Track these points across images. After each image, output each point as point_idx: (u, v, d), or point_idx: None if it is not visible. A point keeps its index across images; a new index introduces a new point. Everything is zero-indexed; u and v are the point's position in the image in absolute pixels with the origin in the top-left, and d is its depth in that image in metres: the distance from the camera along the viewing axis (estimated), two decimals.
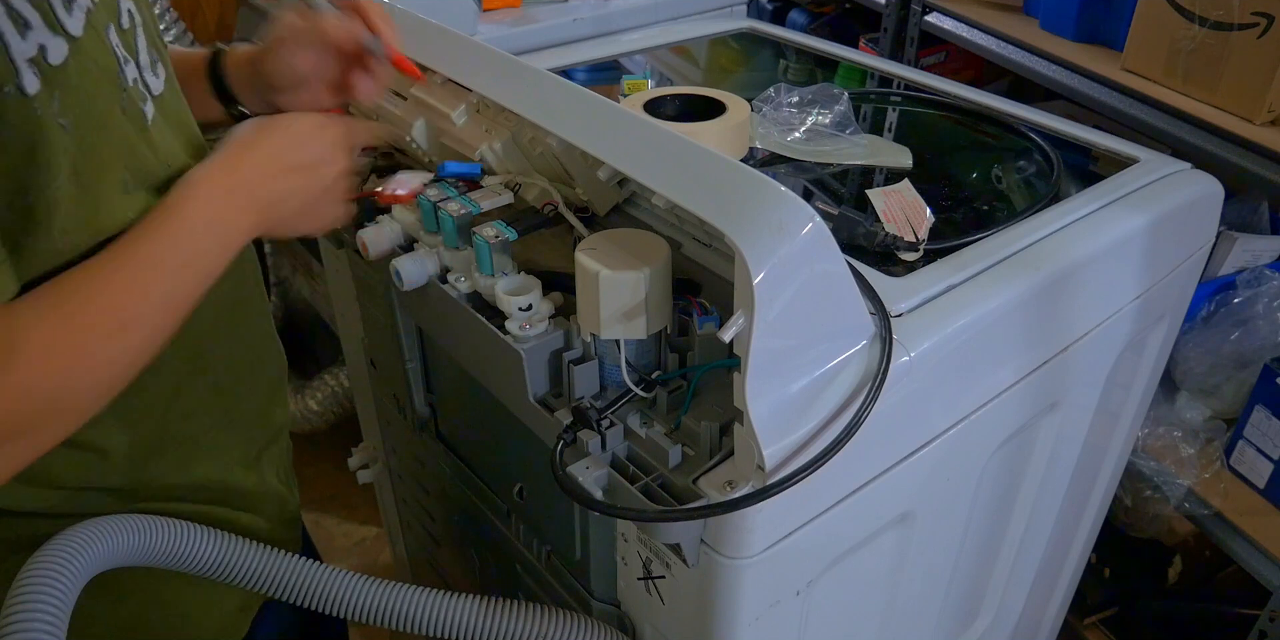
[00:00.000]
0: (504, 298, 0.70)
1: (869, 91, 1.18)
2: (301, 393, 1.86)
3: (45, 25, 0.55)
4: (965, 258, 0.77)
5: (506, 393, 0.76)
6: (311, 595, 0.77)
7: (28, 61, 0.54)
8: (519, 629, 0.76)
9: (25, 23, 0.54)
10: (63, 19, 0.56)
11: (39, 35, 0.54)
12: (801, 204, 0.59)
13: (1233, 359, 1.23)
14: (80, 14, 0.58)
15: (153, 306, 0.63)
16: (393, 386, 1.04)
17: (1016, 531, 0.98)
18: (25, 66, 0.54)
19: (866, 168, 0.96)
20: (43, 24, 0.54)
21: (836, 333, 0.63)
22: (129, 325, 0.61)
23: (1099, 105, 1.25)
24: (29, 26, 0.54)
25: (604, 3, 1.37)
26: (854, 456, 0.63)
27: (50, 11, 0.55)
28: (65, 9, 0.56)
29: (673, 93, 0.93)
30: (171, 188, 0.66)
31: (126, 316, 0.61)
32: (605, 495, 0.65)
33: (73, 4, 0.57)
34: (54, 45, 0.55)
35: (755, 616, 0.68)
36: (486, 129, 0.82)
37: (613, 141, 0.69)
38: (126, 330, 0.61)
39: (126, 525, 0.70)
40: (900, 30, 1.58)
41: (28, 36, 0.54)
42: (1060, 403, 0.88)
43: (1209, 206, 0.93)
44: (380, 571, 1.78)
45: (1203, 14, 1.10)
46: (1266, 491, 1.20)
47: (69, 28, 0.57)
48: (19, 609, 0.60)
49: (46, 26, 0.55)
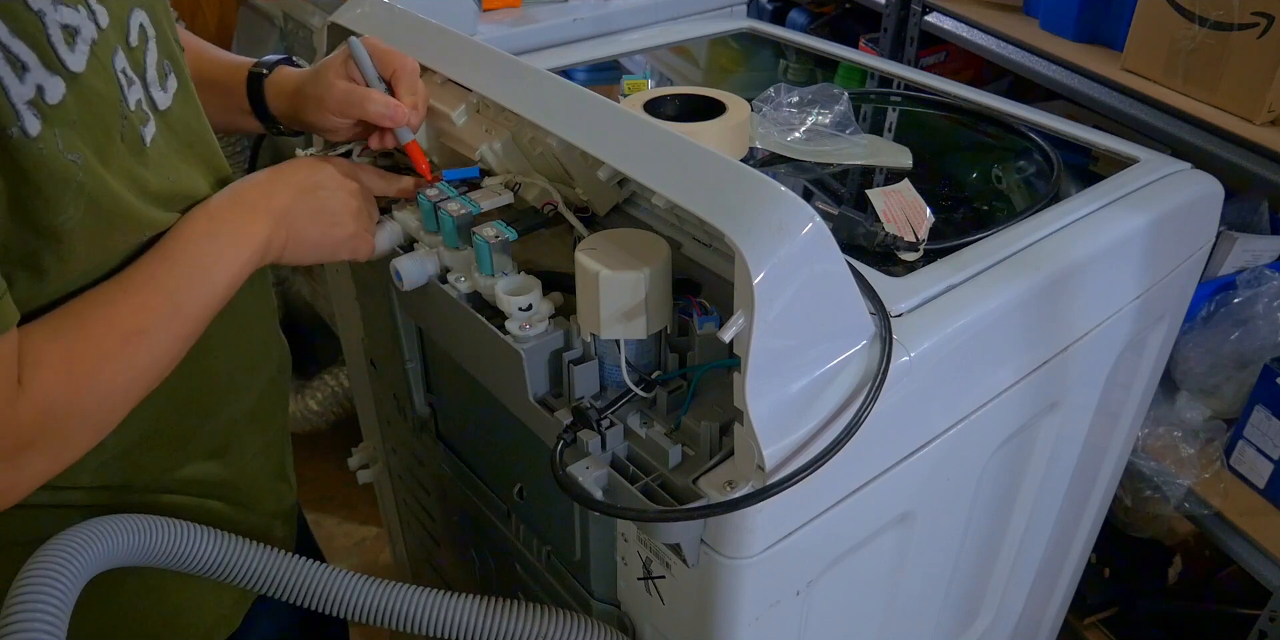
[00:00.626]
0: (504, 298, 0.70)
1: (869, 91, 1.18)
2: (301, 393, 1.86)
3: (42, 65, 0.55)
4: (965, 258, 0.77)
5: (506, 393, 0.76)
6: (311, 595, 0.77)
7: (27, 103, 0.55)
8: (519, 629, 0.76)
9: (23, 65, 0.54)
10: (63, 56, 0.57)
11: (36, 76, 0.55)
12: (801, 204, 0.59)
13: (1233, 359, 1.23)
14: (84, 47, 0.58)
15: (161, 318, 0.64)
16: (393, 386, 1.04)
17: (1016, 531, 0.98)
18: (25, 108, 0.55)
19: (866, 168, 0.96)
20: (40, 64, 0.55)
21: (836, 333, 0.63)
22: (139, 338, 0.63)
23: (1099, 105, 1.25)
24: (26, 68, 0.54)
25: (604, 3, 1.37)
26: (854, 456, 0.63)
27: (49, 50, 0.56)
28: (67, 45, 0.57)
29: (672, 93, 0.93)
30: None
31: (136, 330, 0.63)
32: (605, 495, 0.65)
33: (76, 37, 0.57)
34: (51, 84, 0.56)
35: (755, 616, 0.68)
36: (486, 129, 0.82)
37: (613, 141, 0.69)
38: (137, 343, 0.63)
39: (126, 525, 0.70)
40: (900, 30, 1.58)
41: (25, 79, 0.54)
42: (1060, 403, 0.88)
43: (1209, 206, 0.93)
44: (380, 571, 1.78)
45: (1203, 14, 1.10)
46: (1266, 491, 1.20)
47: (69, 64, 0.57)
48: (19, 609, 0.60)
49: (44, 66, 0.55)
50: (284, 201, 0.73)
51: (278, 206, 0.72)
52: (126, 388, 0.63)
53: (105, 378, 0.61)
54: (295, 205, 0.73)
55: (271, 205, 0.72)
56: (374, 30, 0.90)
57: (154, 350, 0.64)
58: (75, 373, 0.59)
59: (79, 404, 0.60)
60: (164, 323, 0.64)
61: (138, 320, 0.63)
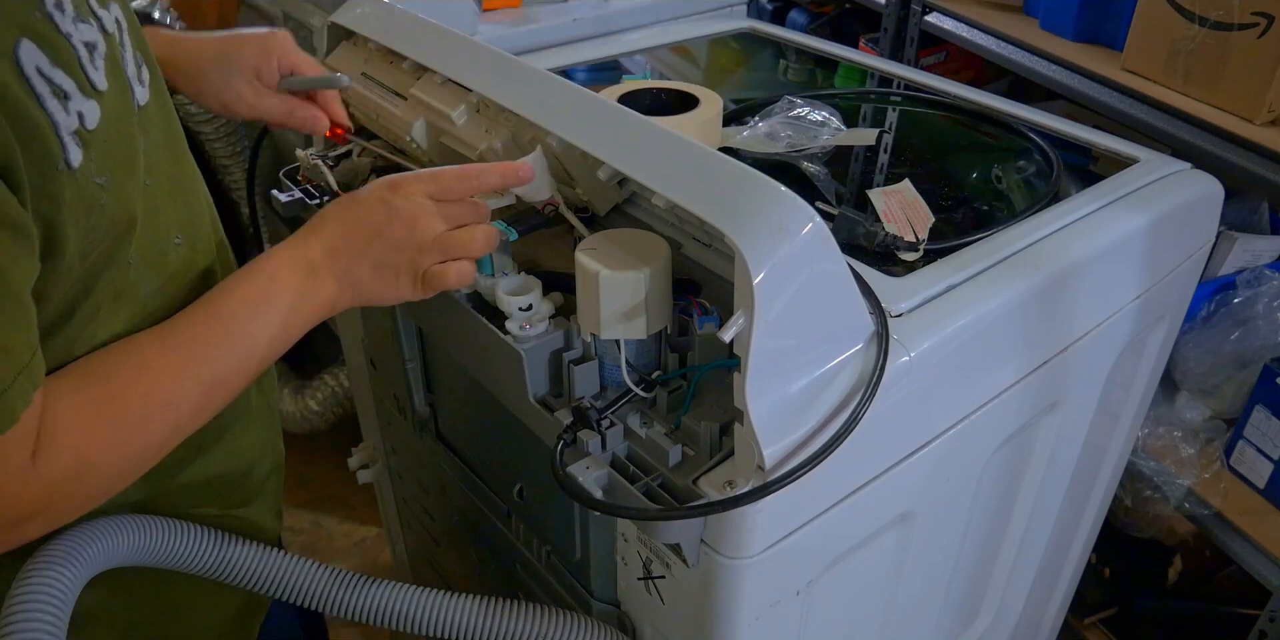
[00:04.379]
0: (504, 298, 0.70)
1: (869, 91, 1.18)
2: (301, 393, 1.86)
3: (79, 91, 0.53)
4: (965, 258, 0.77)
5: (506, 393, 0.76)
6: (311, 595, 0.77)
7: (72, 134, 0.52)
8: (519, 629, 0.76)
9: (65, 94, 0.52)
10: (93, 77, 0.54)
11: (76, 103, 0.53)
12: (802, 204, 0.59)
13: (1233, 359, 1.23)
14: (100, 61, 0.56)
15: (195, 387, 0.61)
16: (393, 386, 1.04)
17: (1016, 531, 0.98)
18: (70, 139, 0.52)
19: (843, 150, 0.96)
20: (77, 90, 0.53)
21: (836, 333, 0.63)
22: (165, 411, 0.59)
23: (1099, 105, 1.25)
24: (68, 97, 0.52)
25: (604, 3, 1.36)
26: (854, 456, 0.63)
27: (82, 74, 0.53)
28: (93, 65, 0.55)
29: (646, 87, 0.93)
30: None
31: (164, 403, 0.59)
32: (605, 495, 0.65)
33: (94, 53, 0.55)
34: (89, 109, 0.54)
35: (755, 616, 0.68)
36: (486, 129, 0.82)
37: (613, 141, 0.69)
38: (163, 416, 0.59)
39: (126, 525, 0.70)
40: (900, 30, 1.58)
41: (69, 109, 0.52)
42: (1060, 403, 0.88)
43: (1209, 206, 0.93)
44: (380, 571, 1.78)
45: (1203, 14, 1.10)
46: (1266, 491, 1.20)
47: (97, 84, 0.55)
48: (19, 609, 0.60)
49: (80, 92, 0.53)
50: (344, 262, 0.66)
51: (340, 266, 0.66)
52: (139, 460, 0.61)
53: (122, 452, 0.58)
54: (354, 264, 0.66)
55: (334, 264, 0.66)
56: (374, 30, 0.90)
57: (179, 422, 0.60)
58: (92, 449, 0.56)
59: (89, 479, 0.57)
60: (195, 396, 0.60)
61: (169, 392, 0.59)
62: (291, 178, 0.93)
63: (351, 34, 0.94)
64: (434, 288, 0.67)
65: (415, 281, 0.67)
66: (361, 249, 0.66)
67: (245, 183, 1.81)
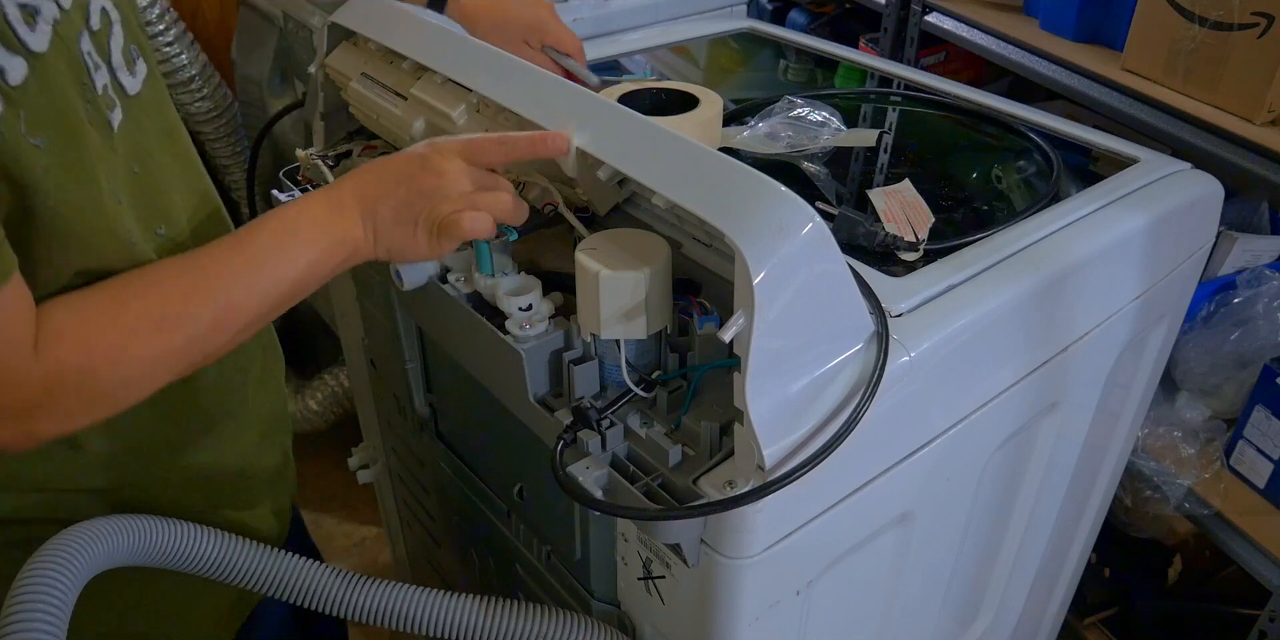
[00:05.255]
0: (504, 298, 0.70)
1: (869, 91, 1.18)
2: (301, 393, 1.86)
3: (2, 46, 0.54)
4: (965, 258, 0.77)
5: (506, 393, 0.76)
6: (311, 595, 0.77)
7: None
8: (519, 629, 0.76)
9: None
10: (24, 36, 0.55)
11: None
12: (802, 204, 0.59)
13: (1233, 359, 1.23)
14: (45, 27, 0.57)
15: (208, 305, 0.62)
16: (393, 386, 1.04)
17: (1016, 531, 0.98)
18: None
19: (843, 150, 0.96)
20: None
21: (836, 333, 0.63)
22: (177, 322, 0.61)
23: (1099, 105, 1.25)
24: None
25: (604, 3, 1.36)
26: (854, 456, 0.63)
27: (9, 30, 0.54)
28: (27, 25, 0.55)
29: (646, 87, 0.93)
30: None
31: (175, 314, 0.61)
32: (605, 495, 0.65)
33: (36, 17, 0.56)
34: (13, 65, 0.54)
35: (755, 616, 0.68)
36: (486, 129, 0.82)
37: (613, 141, 0.69)
38: (173, 327, 0.61)
39: (126, 525, 0.70)
40: (900, 30, 1.58)
41: None
42: (1060, 403, 0.88)
43: (1209, 206, 0.93)
44: (380, 571, 1.78)
45: (1203, 14, 1.10)
46: (1266, 491, 1.20)
47: (30, 44, 0.56)
48: (19, 609, 0.60)
49: (4, 46, 0.54)
50: (370, 203, 0.67)
51: (367, 207, 0.67)
52: (151, 368, 0.61)
53: (129, 355, 0.60)
54: (379, 205, 0.67)
55: (361, 205, 0.67)
56: (374, 30, 0.90)
57: (192, 336, 0.62)
58: (98, 349, 0.58)
59: (95, 377, 0.59)
60: (210, 312, 0.62)
61: (179, 305, 0.61)
62: (291, 178, 0.93)
63: (351, 34, 0.94)
64: (448, 235, 0.67)
65: (432, 232, 0.68)
66: (390, 191, 0.67)
67: (245, 183, 1.81)
